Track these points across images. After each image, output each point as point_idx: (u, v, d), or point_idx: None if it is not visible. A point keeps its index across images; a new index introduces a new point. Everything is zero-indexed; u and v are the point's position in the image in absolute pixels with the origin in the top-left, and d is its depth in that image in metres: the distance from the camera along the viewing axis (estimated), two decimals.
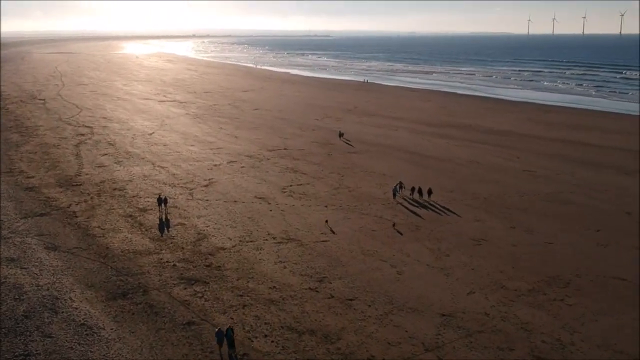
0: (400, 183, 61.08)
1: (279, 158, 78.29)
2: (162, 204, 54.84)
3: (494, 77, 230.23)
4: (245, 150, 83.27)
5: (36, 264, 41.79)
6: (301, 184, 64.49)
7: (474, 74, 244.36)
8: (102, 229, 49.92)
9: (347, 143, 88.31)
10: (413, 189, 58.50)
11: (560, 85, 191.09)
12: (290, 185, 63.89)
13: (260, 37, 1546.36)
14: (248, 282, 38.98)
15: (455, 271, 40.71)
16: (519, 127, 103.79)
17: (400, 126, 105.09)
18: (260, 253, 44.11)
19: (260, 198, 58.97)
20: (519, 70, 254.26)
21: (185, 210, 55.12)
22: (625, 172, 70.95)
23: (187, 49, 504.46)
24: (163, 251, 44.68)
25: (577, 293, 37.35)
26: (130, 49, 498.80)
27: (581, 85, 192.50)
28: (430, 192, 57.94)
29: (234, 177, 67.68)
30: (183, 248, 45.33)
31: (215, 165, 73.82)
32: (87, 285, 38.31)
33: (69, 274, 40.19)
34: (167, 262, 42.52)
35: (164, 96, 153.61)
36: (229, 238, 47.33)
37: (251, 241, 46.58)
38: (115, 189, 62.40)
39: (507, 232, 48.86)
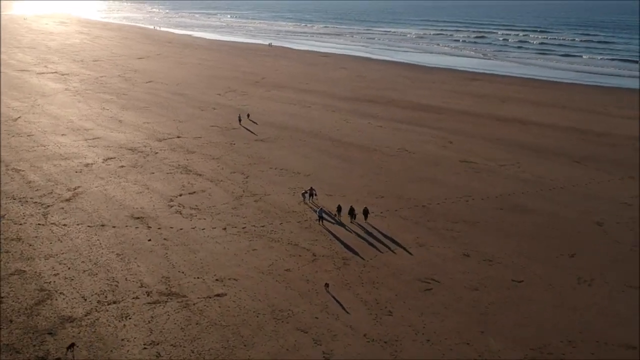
0: (312, 189, 48.67)
1: (169, 151, 63.75)
2: None
3: (377, 38, 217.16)
4: (129, 140, 67.99)
5: None
6: (194, 192, 50.68)
7: (354, 35, 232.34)
8: None
9: (249, 130, 74.39)
10: (340, 209, 44.94)
11: (465, 50, 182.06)
12: (180, 195, 49.96)
13: None
14: None
15: (405, 347, 28.66)
16: (445, 101, 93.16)
17: (315, 102, 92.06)
18: (124, 326, 30.38)
19: (138, 218, 44.79)
20: (403, 32, 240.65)
21: (31, 245, 40.26)
22: (574, 159, 61.50)
23: (89, 9, 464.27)
24: None
25: None
26: (22, 8, 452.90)
27: (481, 47, 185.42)
28: (366, 212, 44.08)
29: (108, 183, 52.90)
30: (12, 321, 30.89)
31: (87, 165, 58.51)
32: None
33: None
34: None
35: (45, 67, 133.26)
36: (82, 297, 33.21)
37: (115, 302, 32.69)
38: None
39: (461, 265, 37.35)
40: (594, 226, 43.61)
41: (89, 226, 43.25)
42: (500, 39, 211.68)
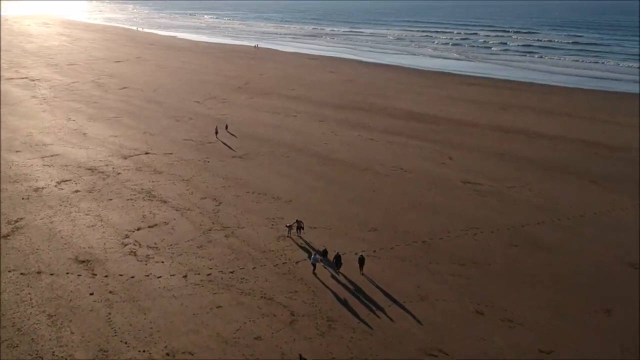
0: (298, 222, 41.35)
1: (134, 171, 56.34)
2: None
3: (365, 40, 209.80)
4: (90, 158, 60.46)
5: None
6: (155, 225, 43.29)
7: (342, 37, 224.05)
8: None
9: (226, 145, 67.02)
10: (325, 253, 37.49)
11: (458, 53, 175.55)
12: (138, 229, 42.56)
13: None
14: None
15: None
16: (441, 109, 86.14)
17: (301, 110, 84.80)
18: None
19: (83, 262, 37.37)
20: (392, 34, 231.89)
21: None
22: (589, 178, 54.69)
23: (74, 10, 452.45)
24: None
25: None
26: (7, 10, 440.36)
27: (474, 50, 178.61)
28: (362, 261, 36.11)
29: (56, 214, 45.41)
30: None
31: (37, 190, 50.99)
32: None
33: None
34: None
35: (16, 71, 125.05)
36: None
37: None
38: None
39: (474, 327, 30.19)
40: (627, 269, 36.65)
41: (22, 274, 35.81)
42: (495, 41, 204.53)
